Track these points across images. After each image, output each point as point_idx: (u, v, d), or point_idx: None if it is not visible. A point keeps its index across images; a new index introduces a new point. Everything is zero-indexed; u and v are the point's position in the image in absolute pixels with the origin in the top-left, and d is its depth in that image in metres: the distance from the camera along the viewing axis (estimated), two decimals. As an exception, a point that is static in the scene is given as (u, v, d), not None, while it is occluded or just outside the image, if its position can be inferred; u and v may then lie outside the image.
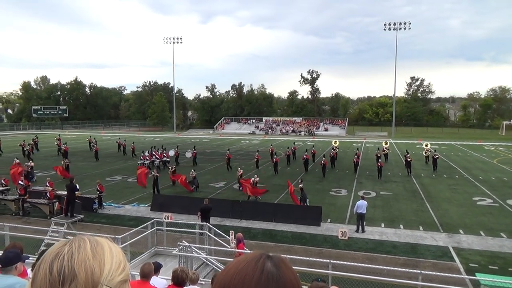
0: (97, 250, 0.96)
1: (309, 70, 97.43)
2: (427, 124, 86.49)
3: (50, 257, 0.93)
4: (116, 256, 0.99)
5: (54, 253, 0.94)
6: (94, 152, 36.98)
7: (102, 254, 0.96)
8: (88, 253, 0.94)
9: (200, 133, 77.61)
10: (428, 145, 38.03)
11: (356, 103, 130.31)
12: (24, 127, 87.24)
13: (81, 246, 0.95)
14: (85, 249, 0.95)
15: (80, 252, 0.93)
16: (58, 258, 0.92)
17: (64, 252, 0.93)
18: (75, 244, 0.95)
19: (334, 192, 23.11)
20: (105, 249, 0.98)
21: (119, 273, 0.97)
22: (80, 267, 0.90)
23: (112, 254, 0.99)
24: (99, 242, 1.00)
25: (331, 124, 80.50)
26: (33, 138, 44.62)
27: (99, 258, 0.95)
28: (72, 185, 17.95)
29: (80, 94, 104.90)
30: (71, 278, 0.88)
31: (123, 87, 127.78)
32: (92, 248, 0.96)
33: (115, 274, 0.95)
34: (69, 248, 0.94)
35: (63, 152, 35.86)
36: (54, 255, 0.93)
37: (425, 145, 39.49)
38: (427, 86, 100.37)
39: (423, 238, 15.18)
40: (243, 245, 11.38)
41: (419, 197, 21.96)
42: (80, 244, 0.96)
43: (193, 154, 33.21)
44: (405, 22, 67.13)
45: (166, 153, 33.05)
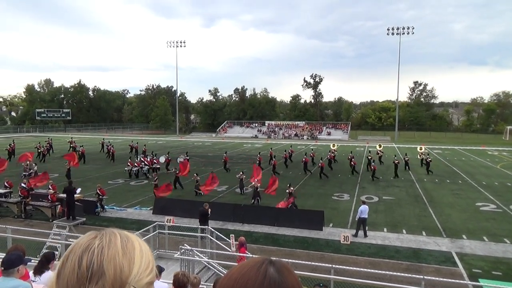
0: (127, 247, 0.92)
1: (312, 74, 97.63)
2: (430, 128, 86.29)
3: (80, 249, 0.89)
4: (145, 255, 0.96)
5: (84, 246, 0.90)
6: (110, 154, 37.48)
7: (132, 252, 0.92)
8: (118, 250, 0.90)
9: (202, 137, 77.69)
10: (422, 149, 38.26)
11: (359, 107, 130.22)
12: (27, 130, 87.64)
13: (112, 241, 0.92)
14: (116, 244, 0.91)
15: (111, 247, 0.90)
16: (88, 252, 0.88)
17: (94, 246, 0.89)
18: (106, 238, 0.92)
19: (337, 197, 23.05)
20: (136, 246, 0.94)
21: (147, 274, 0.93)
22: (109, 264, 0.87)
23: (142, 252, 0.95)
24: (130, 238, 0.96)
25: (334, 129, 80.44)
26: (46, 140, 44.85)
27: (129, 256, 0.91)
28: (70, 187, 18.01)
29: (83, 97, 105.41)
30: (100, 275, 0.85)
31: (126, 90, 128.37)
32: (122, 245, 0.92)
33: (144, 274, 0.92)
34: (99, 242, 0.90)
35: (80, 154, 36.26)
36: (84, 248, 0.89)
37: (419, 148, 39.65)
38: (430, 91, 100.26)
39: (426, 243, 15.09)
40: (245, 249, 11.35)
41: (422, 202, 21.87)
42: (111, 238, 0.92)
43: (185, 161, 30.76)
44: (409, 27, 67.26)
45: (156, 159, 31.19)
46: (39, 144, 39.37)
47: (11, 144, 39.04)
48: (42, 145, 39.24)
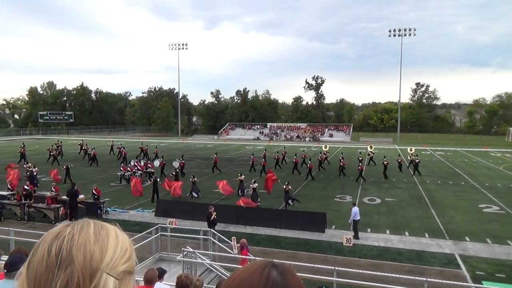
0: (100, 234, 0.89)
1: (314, 76, 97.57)
2: (432, 130, 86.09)
3: (51, 237, 0.87)
4: (122, 243, 0.92)
5: (55, 234, 0.88)
6: (122, 156, 37.50)
7: (106, 238, 0.89)
8: (90, 236, 0.87)
9: (204, 139, 77.76)
10: (412, 150, 38.46)
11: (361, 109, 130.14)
12: (30, 132, 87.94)
13: (84, 228, 0.89)
14: (87, 232, 0.88)
15: (82, 234, 0.87)
16: (58, 239, 0.86)
17: (65, 233, 0.87)
18: (78, 226, 0.89)
19: (339, 199, 23.01)
20: (110, 234, 0.91)
21: (123, 261, 0.90)
22: (79, 250, 0.84)
23: (118, 240, 0.92)
24: (105, 226, 0.93)
25: (336, 130, 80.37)
26: (56, 143, 44.99)
27: (101, 242, 0.88)
28: (73, 190, 18.08)
29: (86, 99, 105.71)
30: (69, 261, 0.82)
31: (129, 92, 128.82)
32: (95, 231, 0.89)
33: (119, 262, 0.88)
34: (71, 230, 0.88)
35: (92, 156, 36.26)
36: (54, 236, 0.87)
37: (409, 149, 39.76)
38: (432, 92, 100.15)
39: (428, 245, 15.04)
40: (247, 251, 11.34)
41: (425, 204, 21.81)
42: (83, 226, 0.90)
43: (181, 164, 30.17)
44: (410, 28, 67.25)
45: (150, 163, 30.22)
46: (51, 147, 39.90)
47: (21, 147, 38.94)
48: (54, 148, 39.61)
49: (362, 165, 30.25)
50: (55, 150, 39.11)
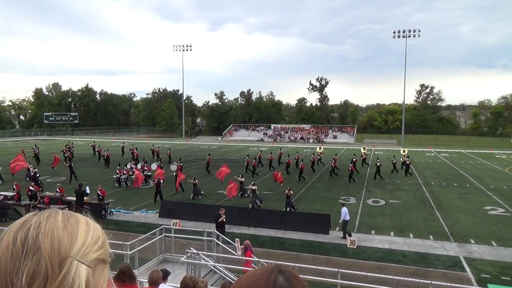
0: (69, 221, 0.85)
1: (318, 77, 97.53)
2: (437, 131, 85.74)
3: (16, 226, 0.83)
4: (94, 230, 0.88)
5: (20, 223, 0.83)
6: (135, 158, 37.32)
7: (75, 225, 0.85)
8: (58, 223, 0.83)
9: (208, 140, 77.88)
10: (405, 151, 38.50)
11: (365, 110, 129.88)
12: (35, 133, 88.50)
13: (51, 216, 0.85)
14: (55, 219, 0.84)
15: (49, 222, 0.82)
16: (23, 228, 0.81)
17: (31, 222, 0.82)
18: (45, 215, 0.85)
19: (343, 200, 22.91)
20: (80, 221, 0.87)
21: (95, 249, 0.85)
22: (45, 237, 0.79)
23: (89, 227, 0.88)
24: (74, 214, 0.89)
25: (340, 132, 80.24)
26: (67, 144, 45.18)
27: (70, 229, 0.83)
28: (80, 190, 18.18)
29: (90, 100, 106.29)
30: (35, 249, 0.78)
31: (133, 94, 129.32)
32: (63, 219, 0.85)
33: (91, 249, 0.84)
34: (37, 218, 0.83)
35: (105, 158, 36.14)
36: (20, 225, 0.83)
37: (402, 151, 39.80)
38: (437, 94, 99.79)
39: (433, 248, 14.97)
40: (250, 252, 11.34)
41: (429, 206, 21.71)
42: (50, 214, 0.85)
43: (179, 167, 28.68)
44: (415, 30, 67.03)
45: (147, 166, 29.27)
46: (65, 148, 40.36)
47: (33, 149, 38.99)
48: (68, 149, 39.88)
49: (352, 166, 30.25)
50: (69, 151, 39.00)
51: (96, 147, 43.42)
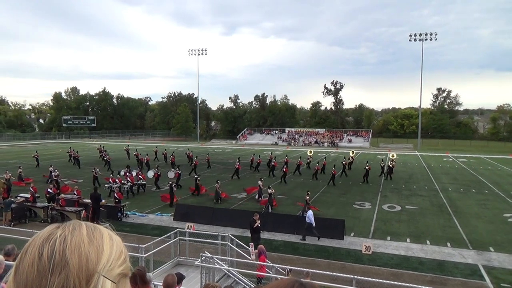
0: (94, 235, 0.83)
1: (333, 81, 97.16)
2: (454, 136, 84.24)
3: (41, 239, 0.80)
4: (117, 244, 0.86)
5: (45, 236, 0.81)
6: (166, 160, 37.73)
7: (100, 239, 0.83)
8: (83, 237, 0.81)
9: (223, 144, 78.17)
10: (394, 155, 38.88)
11: (380, 114, 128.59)
12: (54, 137, 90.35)
13: (76, 229, 0.82)
14: (80, 233, 0.82)
15: (75, 235, 0.80)
16: (49, 242, 0.78)
17: (56, 235, 0.80)
18: (69, 228, 0.83)
19: (358, 205, 22.72)
20: (104, 235, 0.85)
21: (119, 263, 0.84)
22: (73, 252, 0.77)
23: (112, 241, 0.86)
24: (98, 227, 0.87)
25: (355, 136, 79.56)
26: (98, 148, 45.76)
27: (96, 243, 0.81)
28: (96, 194, 18.45)
29: (107, 104, 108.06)
30: (63, 265, 0.75)
31: (149, 97, 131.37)
32: (88, 233, 0.83)
33: (115, 264, 0.82)
34: (62, 232, 0.81)
35: (146, 162, 36.27)
36: (45, 238, 0.80)
37: (391, 155, 39.55)
38: (454, 98, 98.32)
39: (451, 255, 14.67)
40: (265, 257, 11.30)
41: (446, 212, 21.30)
42: (75, 227, 0.83)
43: (176, 175, 27.19)
44: (431, 33, 66.13)
45: (142, 175, 27.08)
46: (102, 148, 41.35)
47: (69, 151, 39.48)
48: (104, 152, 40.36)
49: (335, 169, 30.08)
50: (107, 154, 38.94)
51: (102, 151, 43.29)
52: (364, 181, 30.39)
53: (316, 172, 32.12)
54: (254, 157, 37.45)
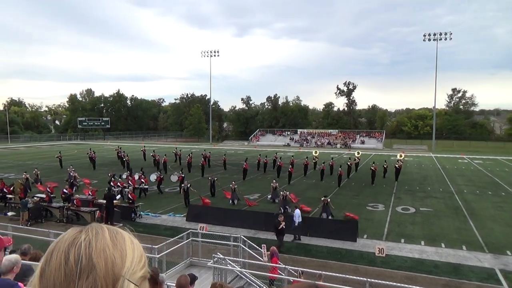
0: (117, 239, 0.85)
1: (345, 82, 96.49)
2: (470, 137, 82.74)
3: (65, 244, 0.81)
4: (137, 248, 0.88)
5: (70, 240, 0.82)
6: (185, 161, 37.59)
7: (123, 243, 0.85)
8: (107, 242, 0.82)
9: (235, 145, 78.35)
10: (402, 156, 38.52)
11: (394, 115, 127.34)
12: (70, 138, 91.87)
13: (99, 233, 0.84)
14: (104, 237, 0.83)
15: (99, 240, 0.82)
16: (74, 246, 0.80)
17: (81, 239, 0.81)
18: (92, 231, 0.84)
19: (371, 207, 22.51)
20: (126, 238, 0.87)
21: (140, 267, 0.86)
22: (99, 256, 0.79)
23: (134, 245, 0.88)
24: (119, 231, 0.89)
25: (368, 137, 78.87)
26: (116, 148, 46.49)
27: (120, 247, 0.83)
28: (110, 194, 18.68)
29: (121, 106, 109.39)
30: (90, 269, 0.77)
31: (162, 99, 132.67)
32: (111, 237, 0.84)
33: (137, 268, 0.84)
34: (86, 235, 0.82)
35: (163, 163, 36.24)
36: (70, 242, 0.81)
37: (399, 155, 39.02)
38: (469, 98, 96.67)
39: (466, 259, 14.42)
40: (277, 259, 11.30)
41: (462, 215, 20.95)
42: (97, 231, 0.84)
43: (180, 178, 26.01)
44: (446, 32, 65.13)
45: (145, 178, 25.72)
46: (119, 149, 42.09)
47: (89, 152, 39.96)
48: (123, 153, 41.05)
49: (341, 170, 29.76)
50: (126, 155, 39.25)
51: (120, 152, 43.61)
52: (372, 182, 30.09)
53: (322, 172, 31.95)
54: (260, 158, 37.51)
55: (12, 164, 41.99)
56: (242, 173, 32.13)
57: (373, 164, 31.40)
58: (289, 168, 30.99)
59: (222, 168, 38.06)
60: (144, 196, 24.80)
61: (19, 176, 28.75)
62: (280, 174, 33.03)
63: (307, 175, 33.76)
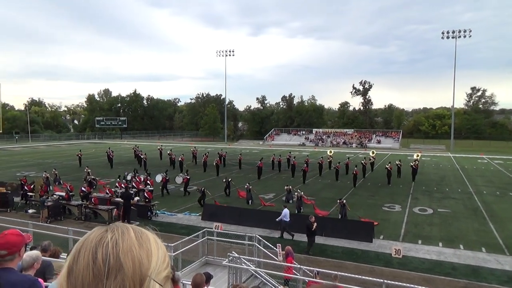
0: (142, 239, 0.85)
1: (361, 81, 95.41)
2: (489, 137, 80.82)
3: (93, 243, 0.81)
4: (161, 248, 0.89)
5: (96, 239, 0.82)
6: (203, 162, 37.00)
7: (148, 243, 0.85)
8: (133, 242, 0.83)
9: (250, 144, 78.45)
10: (418, 156, 37.92)
11: (411, 114, 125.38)
12: (88, 137, 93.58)
13: (125, 233, 0.84)
14: (130, 236, 0.84)
15: (125, 239, 0.82)
16: (102, 245, 0.80)
17: (107, 239, 0.81)
18: (118, 231, 0.84)
19: (387, 208, 22.24)
20: (151, 238, 0.87)
21: (164, 267, 0.86)
22: (126, 256, 0.79)
23: (158, 245, 0.88)
24: (144, 231, 0.89)
25: (384, 137, 77.91)
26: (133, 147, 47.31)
27: (146, 247, 0.83)
28: (127, 193, 18.95)
29: (138, 106, 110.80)
30: (117, 269, 0.77)
31: (178, 99, 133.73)
32: (137, 236, 0.85)
33: (162, 267, 0.85)
34: (112, 235, 0.83)
35: (180, 162, 36.31)
36: (97, 242, 0.81)
37: (416, 155, 38.28)
38: (489, 97, 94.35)
39: (486, 261, 14.11)
40: (292, 258, 11.27)
41: (481, 216, 20.51)
42: (123, 231, 0.85)
43: (185, 180, 25.46)
44: (465, 30, 63.75)
45: (150, 180, 25.27)
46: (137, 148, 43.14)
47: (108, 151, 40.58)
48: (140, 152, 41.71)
49: (357, 169, 29.40)
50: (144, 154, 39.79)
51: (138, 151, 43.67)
52: (389, 182, 29.75)
53: (337, 172, 31.75)
54: (274, 157, 37.49)
55: (32, 162, 43.00)
56: (257, 172, 32.17)
57: (388, 164, 31.00)
58: (304, 167, 30.86)
59: (237, 167, 38.19)
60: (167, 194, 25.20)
61: (39, 175, 29.44)
62: (295, 173, 32.92)
63: (322, 175, 33.57)
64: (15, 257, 2.79)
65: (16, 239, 2.85)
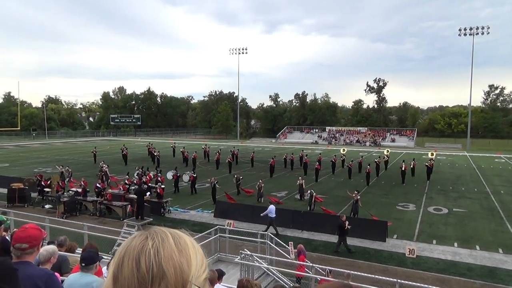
0: (181, 245, 0.88)
1: (376, 79, 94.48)
2: (508, 136, 79.12)
3: (135, 251, 0.84)
4: (198, 251, 0.92)
5: (138, 247, 0.85)
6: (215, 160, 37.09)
7: (187, 249, 0.88)
8: (173, 249, 0.86)
9: (262, 142, 78.46)
10: (433, 154, 37.52)
11: (426, 113, 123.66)
12: (103, 134, 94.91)
13: (165, 240, 0.87)
14: (169, 243, 0.87)
15: (165, 247, 0.85)
16: (144, 253, 0.83)
17: (149, 247, 0.84)
18: (158, 238, 0.87)
19: (401, 207, 21.99)
20: (188, 244, 0.90)
21: (203, 270, 0.90)
22: (168, 264, 0.82)
23: (195, 249, 0.91)
24: (181, 235, 0.93)
25: (399, 135, 77.01)
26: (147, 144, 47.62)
27: (185, 253, 0.87)
28: (141, 189, 19.13)
29: (152, 103, 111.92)
30: (161, 276, 0.81)
31: (191, 96, 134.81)
32: (176, 243, 0.88)
33: (201, 271, 0.88)
34: (152, 242, 0.86)
35: (193, 159, 36.74)
36: (139, 249, 0.84)
37: (430, 154, 37.66)
38: (508, 95, 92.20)
39: (503, 262, 13.84)
40: (304, 257, 11.24)
41: (498, 216, 20.11)
42: (163, 237, 0.88)
43: (191, 178, 25.22)
44: (483, 27, 62.49)
45: (161, 176, 24.56)
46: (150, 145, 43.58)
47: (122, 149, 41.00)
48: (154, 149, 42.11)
49: (370, 168, 29.03)
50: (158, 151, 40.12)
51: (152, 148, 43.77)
52: (403, 181, 29.42)
53: (350, 170, 31.58)
54: (287, 155, 37.51)
55: (49, 159, 43.80)
56: (269, 170, 32.17)
57: (402, 163, 30.62)
58: (316, 165, 30.73)
59: (250, 165, 38.24)
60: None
61: (55, 171, 29.96)
62: (307, 171, 32.79)
63: (335, 173, 33.38)
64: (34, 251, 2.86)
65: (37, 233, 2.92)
